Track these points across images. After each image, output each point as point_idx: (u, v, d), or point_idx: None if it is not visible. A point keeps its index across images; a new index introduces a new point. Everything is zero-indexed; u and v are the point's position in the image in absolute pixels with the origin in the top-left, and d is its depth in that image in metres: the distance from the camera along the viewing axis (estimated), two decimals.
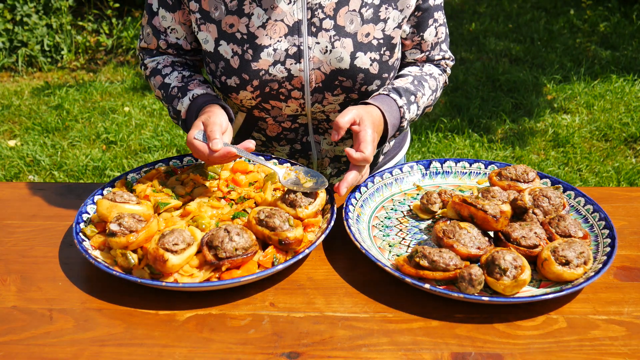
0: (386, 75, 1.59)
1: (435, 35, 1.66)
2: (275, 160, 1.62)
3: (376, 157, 1.87)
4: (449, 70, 1.76)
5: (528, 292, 1.24)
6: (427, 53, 1.69)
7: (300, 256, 1.27)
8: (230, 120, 1.51)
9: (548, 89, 5.35)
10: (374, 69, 1.55)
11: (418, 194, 1.61)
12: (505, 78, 5.55)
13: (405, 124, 1.58)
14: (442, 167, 1.68)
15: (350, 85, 1.56)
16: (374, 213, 1.52)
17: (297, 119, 1.65)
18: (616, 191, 1.67)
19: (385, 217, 1.51)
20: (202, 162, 1.59)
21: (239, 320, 1.20)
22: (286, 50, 1.50)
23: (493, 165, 1.67)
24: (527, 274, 1.21)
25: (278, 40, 1.50)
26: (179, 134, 4.61)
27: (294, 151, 1.73)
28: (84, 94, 5.34)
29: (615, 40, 6.45)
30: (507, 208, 1.41)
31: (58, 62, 6.09)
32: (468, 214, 1.37)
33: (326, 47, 1.51)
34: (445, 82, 1.75)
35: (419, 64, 1.72)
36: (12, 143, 4.55)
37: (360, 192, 1.54)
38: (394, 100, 1.55)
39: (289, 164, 1.59)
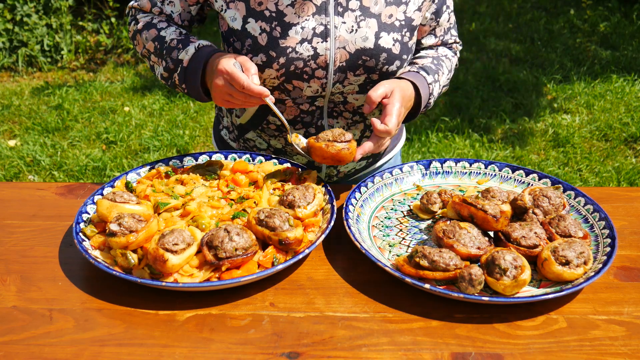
0: (405, 56, 1.63)
1: (448, 21, 1.74)
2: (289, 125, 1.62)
3: (376, 156, 1.87)
4: (458, 54, 1.84)
5: (528, 292, 1.24)
6: (442, 37, 1.77)
7: (300, 256, 1.27)
8: None
9: (548, 89, 5.35)
10: (396, 49, 1.59)
11: (418, 194, 1.61)
12: (505, 78, 5.55)
13: (432, 101, 1.65)
14: (442, 167, 1.67)
15: (373, 65, 1.58)
16: (374, 213, 1.52)
17: (315, 101, 1.66)
18: (616, 191, 1.67)
19: (385, 217, 1.51)
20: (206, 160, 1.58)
21: (239, 320, 1.20)
22: (313, 28, 1.53)
23: (493, 165, 1.67)
24: (527, 274, 1.21)
25: (306, 19, 1.52)
26: (178, 133, 4.62)
27: (307, 135, 1.74)
28: (84, 94, 5.34)
29: (616, 40, 6.45)
30: (507, 208, 1.41)
31: (58, 62, 6.09)
32: (468, 214, 1.37)
33: (352, 26, 1.54)
34: (456, 64, 1.82)
35: (433, 47, 1.79)
36: (12, 143, 4.55)
37: (360, 192, 1.54)
38: (424, 77, 1.62)
39: (298, 133, 1.64)
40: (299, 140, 1.55)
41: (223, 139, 1.92)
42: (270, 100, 1.43)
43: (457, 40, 1.82)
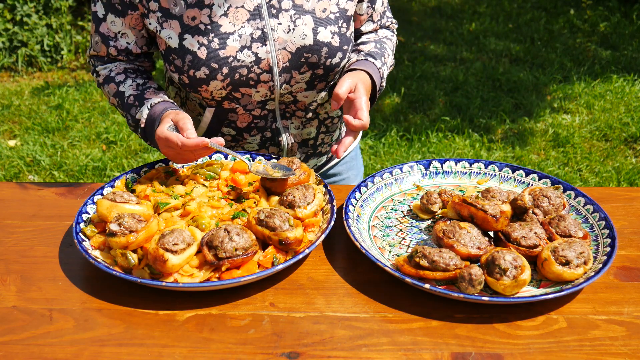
0: (346, 47, 1.65)
1: (382, 5, 1.79)
2: (248, 155, 1.67)
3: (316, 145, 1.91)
4: (395, 32, 1.91)
5: (528, 292, 1.24)
6: (379, 22, 1.82)
7: (300, 256, 1.27)
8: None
9: (548, 89, 5.35)
10: (336, 41, 1.61)
11: (418, 194, 1.61)
12: (505, 78, 5.55)
13: (384, 83, 1.71)
14: (442, 167, 1.68)
15: (316, 61, 1.61)
16: (374, 213, 1.52)
17: (265, 105, 1.68)
18: (616, 191, 1.67)
19: (385, 217, 1.51)
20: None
21: (239, 320, 1.20)
22: (251, 34, 1.54)
23: (493, 165, 1.67)
24: (527, 274, 1.21)
25: (242, 26, 1.53)
26: None
27: (264, 140, 1.76)
28: (84, 93, 5.34)
29: (615, 40, 6.45)
30: (507, 208, 1.41)
31: (58, 62, 6.09)
32: (468, 214, 1.37)
33: (288, 26, 1.56)
34: (396, 42, 1.88)
35: (372, 32, 1.84)
36: (12, 143, 4.55)
37: (360, 192, 1.54)
38: (373, 63, 1.66)
39: (261, 157, 1.66)
40: (261, 168, 1.54)
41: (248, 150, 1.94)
42: (213, 143, 1.43)
43: (393, 20, 1.88)
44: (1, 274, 1.34)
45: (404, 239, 1.43)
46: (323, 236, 1.34)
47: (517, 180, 1.64)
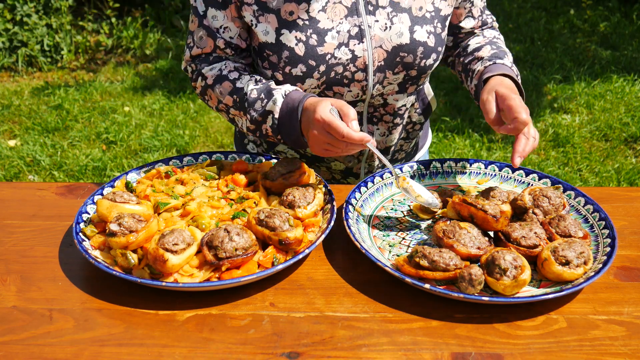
0: (440, 48, 1.61)
1: (482, 0, 1.72)
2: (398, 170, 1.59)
3: (413, 151, 1.87)
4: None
5: (528, 292, 1.24)
6: (480, 18, 1.74)
7: (300, 256, 1.27)
8: None
9: (548, 88, 5.35)
10: (431, 41, 1.57)
11: None
12: None
13: (519, 80, 1.59)
14: (442, 167, 1.67)
15: (411, 61, 1.57)
16: (374, 213, 1.52)
17: (355, 106, 1.64)
18: (616, 191, 1.67)
19: (385, 217, 1.51)
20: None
21: (239, 320, 1.20)
22: (348, 31, 1.50)
23: (493, 165, 1.67)
24: (527, 274, 1.21)
25: (340, 22, 1.50)
26: (178, 133, 4.61)
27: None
28: (84, 94, 5.34)
29: (616, 40, 6.45)
30: (507, 208, 1.41)
31: (58, 62, 6.08)
32: (468, 214, 1.37)
33: (385, 24, 1.52)
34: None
35: (477, 31, 1.76)
36: (12, 143, 4.55)
37: (360, 192, 1.54)
38: (503, 63, 1.59)
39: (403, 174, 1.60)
40: (407, 184, 1.46)
41: (249, 151, 1.86)
42: (372, 144, 1.36)
43: (492, 17, 1.79)
44: (1, 274, 1.34)
45: (404, 239, 1.43)
46: (323, 236, 1.34)
47: (517, 180, 1.64)
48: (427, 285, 1.20)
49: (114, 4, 6.56)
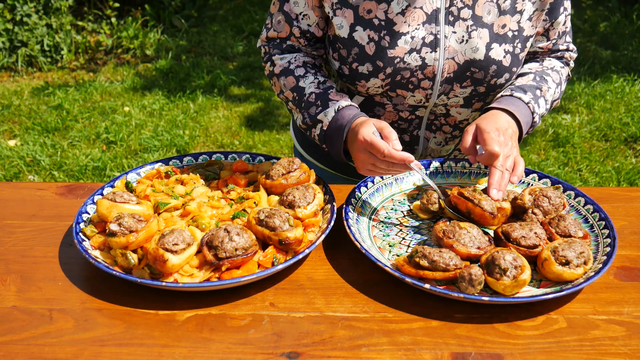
0: (515, 69, 1.58)
1: (564, 24, 1.64)
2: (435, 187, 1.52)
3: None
4: (572, 64, 1.73)
5: (528, 292, 1.24)
6: (553, 41, 1.66)
7: (300, 256, 1.27)
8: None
9: None
10: (507, 61, 1.54)
11: (418, 194, 1.61)
12: None
13: (537, 119, 1.56)
14: (442, 167, 1.67)
15: (482, 77, 1.55)
16: (374, 213, 1.52)
17: (416, 110, 1.63)
18: (616, 191, 1.67)
19: (385, 217, 1.51)
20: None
21: (239, 320, 1.20)
22: (423, 38, 1.49)
23: None
24: (527, 274, 1.21)
25: (416, 28, 1.49)
26: (178, 133, 4.61)
27: (401, 142, 1.64)
28: (84, 94, 5.34)
29: (616, 40, 6.45)
30: (507, 205, 1.41)
31: (58, 62, 6.08)
32: (465, 209, 1.37)
33: (462, 36, 1.50)
34: (569, 75, 1.73)
35: (539, 57, 1.70)
36: (12, 143, 4.55)
37: (360, 192, 1.54)
38: (519, 98, 1.53)
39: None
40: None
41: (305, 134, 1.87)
42: (415, 165, 1.37)
43: (572, 47, 1.71)
44: (1, 274, 1.34)
45: (404, 239, 1.43)
46: (323, 236, 1.34)
47: None
48: (427, 285, 1.20)
49: (114, 4, 6.55)
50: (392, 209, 1.54)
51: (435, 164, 1.67)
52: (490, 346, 1.12)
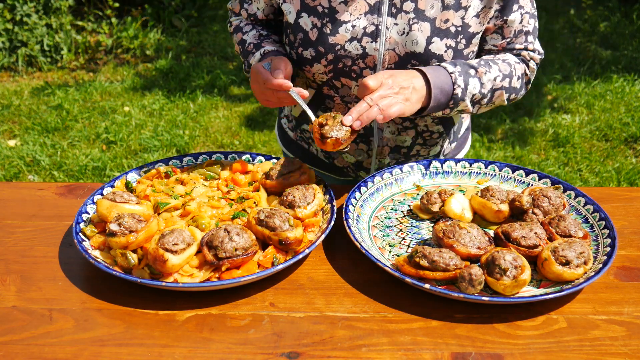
0: None
1: (520, 22, 1.60)
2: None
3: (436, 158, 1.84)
4: (532, 65, 1.67)
5: (528, 292, 1.24)
6: (508, 40, 1.63)
7: (300, 256, 1.27)
8: (295, 74, 1.62)
9: (548, 88, 5.35)
10: (448, 56, 1.55)
11: (418, 194, 1.61)
12: None
13: (459, 91, 1.51)
14: (442, 167, 1.67)
15: None
16: (374, 213, 1.52)
17: None
18: (616, 191, 1.67)
19: (385, 217, 1.51)
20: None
21: (239, 320, 1.20)
22: (364, 28, 1.52)
23: (493, 165, 1.66)
24: (527, 274, 1.21)
25: (357, 18, 1.52)
26: (178, 133, 4.61)
27: (357, 134, 1.61)
28: (83, 93, 5.34)
29: (616, 40, 6.45)
30: (505, 208, 1.42)
31: (58, 62, 6.08)
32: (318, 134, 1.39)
33: (404, 29, 1.52)
34: (525, 73, 1.67)
35: (494, 52, 1.66)
36: (12, 143, 4.55)
37: (360, 192, 1.54)
38: (444, 67, 1.51)
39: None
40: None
41: (282, 126, 1.96)
42: (294, 92, 1.44)
43: (533, 47, 1.64)
44: (1, 274, 1.34)
45: (404, 239, 1.43)
46: (323, 236, 1.34)
47: (517, 180, 1.63)
48: (427, 285, 1.20)
49: (114, 3, 6.55)
50: (392, 209, 1.54)
51: (435, 164, 1.67)
52: (490, 346, 1.12)
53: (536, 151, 4.40)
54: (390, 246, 1.40)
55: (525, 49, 1.65)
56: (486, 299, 1.17)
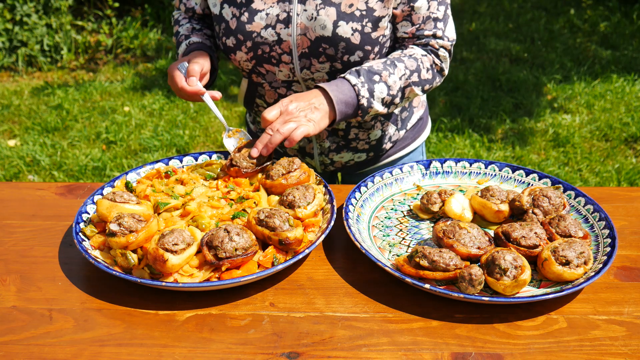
0: (369, 47, 1.62)
1: (428, 9, 1.63)
2: (227, 127, 1.72)
3: (380, 143, 1.86)
4: (443, 53, 1.68)
5: (528, 292, 1.24)
6: (417, 26, 1.65)
7: (300, 256, 1.27)
8: (214, 68, 1.74)
9: (548, 88, 5.35)
10: (355, 39, 1.60)
11: (418, 194, 1.61)
12: (506, 78, 5.54)
13: (364, 101, 1.56)
14: (442, 167, 1.67)
15: (333, 54, 1.62)
16: (374, 213, 1.52)
17: (291, 86, 1.73)
18: (616, 191, 1.67)
19: (385, 217, 1.51)
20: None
21: (239, 320, 1.20)
22: (277, 15, 1.61)
23: (493, 165, 1.66)
24: (527, 274, 1.21)
25: (271, 6, 1.62)
26: (178, 133, 4.61)
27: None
28: (83, 93, 5.34)
29: (616, 40, 6.45)
30: (505, 208, 1.42)
31: (58, 62, 6.08)
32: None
33: (312, 14, 1.59)
34: (435, 62, 1.68)
35: (405, 43, 1.70)
36: (12, 143, 4.55)
37: (360, 192, 1.54)
38: (347, 80, 1.56)
39: (244, 132, 1.73)
40: (237, 135, 1.68)
41: (247, 120, 2.09)
42: (207, 97, 1.61)
43: (441, 34, 1.66)
44: (1, 274, 1.34)
45: (404, 239, 1.43)
46: (323, 236, 1.34)
47: (517, 180, 1.64)
48: (427, 285, 1.20)
49: (114, 3, 6.55)
50: (392, 209, 1.54)
51: (435, 164, 1.67)
52: (490, 346, 1.12)
53: (536, 151, 4.40)
54: (390, 246, 1.40)
55: (434, 35, 1.66)
56: (486, 299, 1.17)
